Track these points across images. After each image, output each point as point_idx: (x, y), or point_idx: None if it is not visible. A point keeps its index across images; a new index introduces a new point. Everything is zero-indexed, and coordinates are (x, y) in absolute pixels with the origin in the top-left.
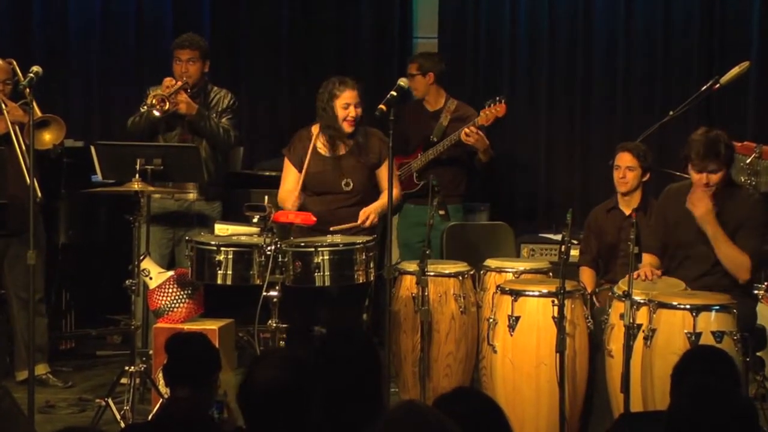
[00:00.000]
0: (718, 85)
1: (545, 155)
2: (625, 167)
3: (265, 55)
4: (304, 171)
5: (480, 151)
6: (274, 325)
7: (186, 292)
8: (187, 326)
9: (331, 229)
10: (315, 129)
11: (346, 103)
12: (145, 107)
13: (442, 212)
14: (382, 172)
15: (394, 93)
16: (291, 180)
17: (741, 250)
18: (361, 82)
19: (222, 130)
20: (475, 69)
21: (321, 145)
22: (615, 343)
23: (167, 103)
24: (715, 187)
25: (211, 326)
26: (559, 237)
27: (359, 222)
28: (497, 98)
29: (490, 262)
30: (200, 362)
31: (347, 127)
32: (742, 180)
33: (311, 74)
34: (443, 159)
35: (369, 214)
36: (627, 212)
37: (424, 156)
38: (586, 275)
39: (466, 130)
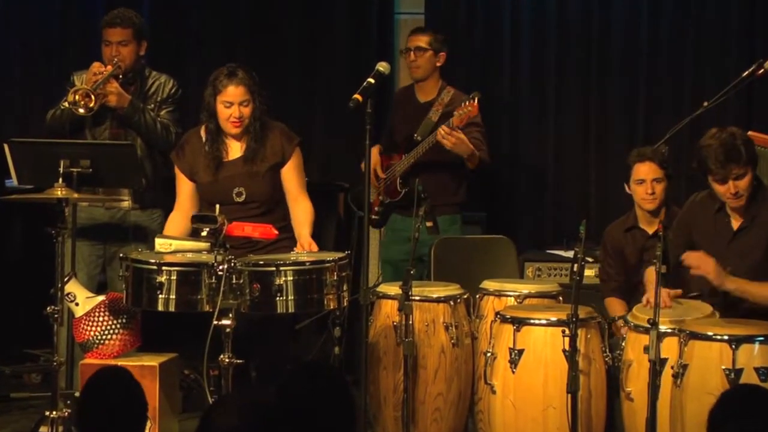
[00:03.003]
0: (762, 71)
1: (554, 156)
2: (652, 180)
3: (218, 33)
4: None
5: (464, 156)
6: (227, 360)
7: (120, 320)
8: (121, 362)
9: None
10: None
11: (228, 101)
12: (66, 104)
13: (429, 224)
14: (287, 174)
15: (372, 80)
16: (184, 192)
17: None
18: (251, 74)
19: (160, 126)
20: (469, 53)
21: (209, 149)
22: (634, 383)
23: (93, 99)
24: (746, 195)
25: (150, 362)
26: (570, 254)
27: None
28: (471, 96)
29: (488, 284)
30: (115, 410)
31: (231, 129)
32: None
33: (274, 57)
34: (435, 161)
35: (305, 247)
36: (650, 231)
37: (407, 158)
38: (617, 308)
39: (440, 131)
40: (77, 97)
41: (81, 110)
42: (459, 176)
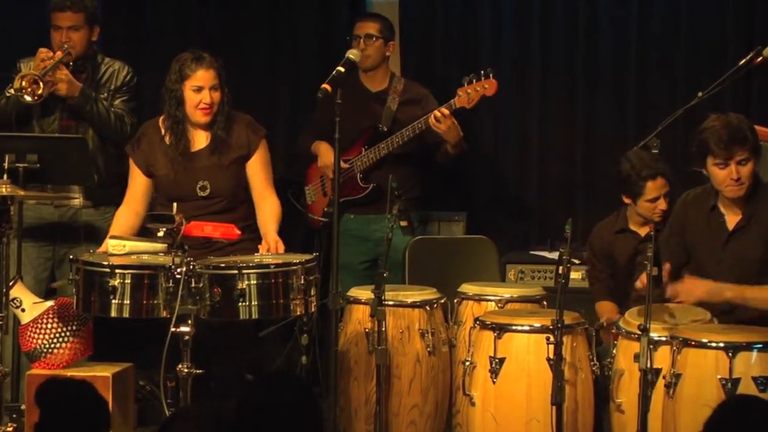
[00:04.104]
0: (760, 58)
1: (538, 152)
2: (664, 194)
3: (175, 17)
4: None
5: (450, 142)
6: (186, 370)
7: (69, 328)
8: (71, 372)
9: None
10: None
11: (197, 86)
12: (12, 91)
13: (404, 223)
14: (253, 167)
15: (342, 69)
16: (136, 187)
17: None
18: (218, 59)
19: (114, 116)
20: (446, 37)
21: (170, 140)
22: (625, 393)
23: (42, 86)
24: (746, 186)
25: (102, 372)
26: (555, 255)
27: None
28: (482, 72)
29: (467, 288)
30: (81, 421)
31: (200, 117)
32: None
33: (236, 44)
34: (393, 155)
35: (270, 246)
36: (642, 234)
37: (373, 151)
38: (608, 311)
39: (437, 113)
40: (24, 83)
41: (27, 98)
42: (417, 171)
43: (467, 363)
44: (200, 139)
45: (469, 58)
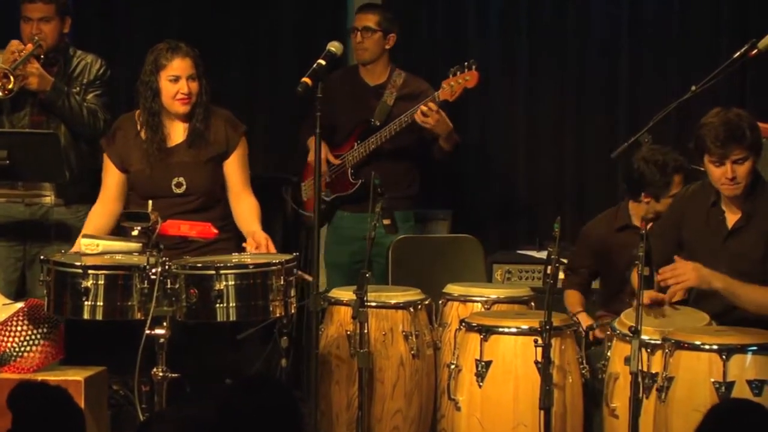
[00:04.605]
0: (755, 51)
1: (525, 146)
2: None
3: (149, 9)
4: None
5: (441, 136)
6: (161, 374)
7: (40, 331)
8: (42, 376)
9: None
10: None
11: (174, 76)
12: None
13: (387, 221)
14: (231, 166)
15: (323, 62)
16: (111, 184)
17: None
18: (194, 49)
19: (86, 111)
20: (431, 33)
21: (146, 135)
22: (620, 398)
23: (12, 80)
24: (743, 184)
25: (74, 377)
26: (543, 255)
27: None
28: (465, 63)
29: (452, 289)
30: (54, 428)
31: (179, 107)
32: None
33: (212, 35)
34: (387, 150)
35: (260, 243)
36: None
37: (364, 146)
38: (573, 300)
39: (423, 107)
40: None
41: None
42: (413, 167)
43: (452, 366)
44: (177, 133)
45: (454, 54)
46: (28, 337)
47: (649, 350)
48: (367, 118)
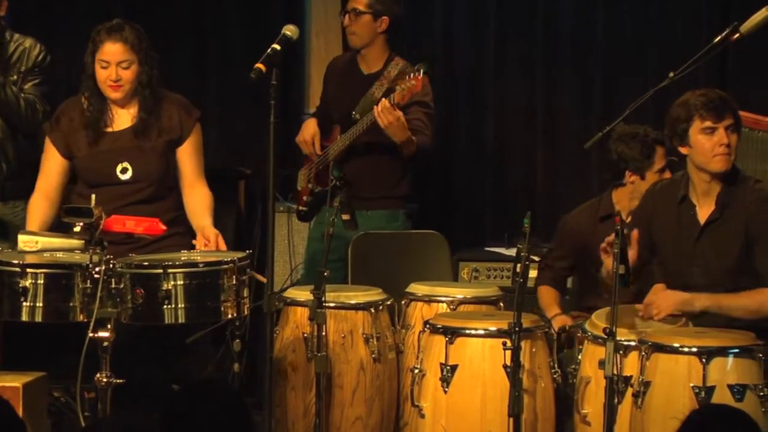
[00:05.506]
0: (737, 35)
1: (493, 138)
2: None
3: None
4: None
5: (397, 140)
6: (105, 379)
7: None
8: None
9: None
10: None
11: (104, 61)
12: None
13: (346, 217)
14: (184, 153)
15: (278, 47)
16: (51, 171)
17: (755, 291)
18: (138, 32)
19: (24, 103)
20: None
21: (91, 119)
22: (591, 403)
23: None
24: (733, 158)
25: (12, 383)
26: (512, 252)
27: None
28: (416, 66)
29: (416, 288)
30: None
31: (110, 93)
32: None
33: (159, 16)
34: (374, 144)
35: (210, 240)
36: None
37: (342, 139)
38: (547, 297)
39: (378, 106)
40: None
41: None
42: (403, 164)
43: (416, 371)
44: (123, 119)
45: (420, 49)
46: None
47: (621, 352)
48: (352, 109)
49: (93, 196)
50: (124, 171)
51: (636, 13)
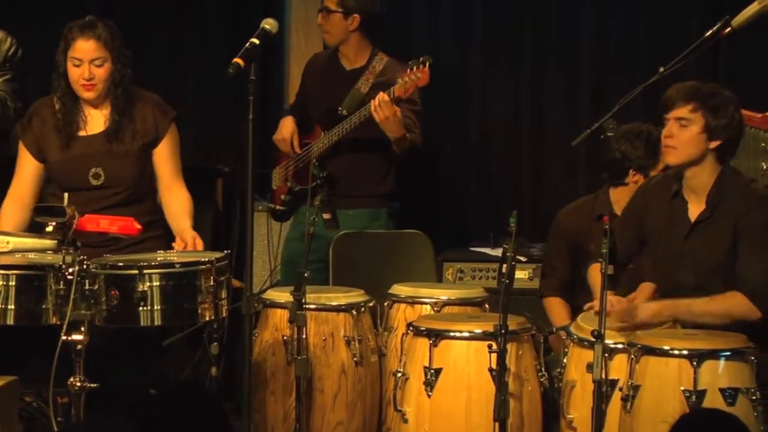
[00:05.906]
0: (728, 30)
1: (479, 136)
2: None
3: None
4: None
5: (392, 136)
6: (79, 384)
7: None
8: None
9: None
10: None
11: (77, 59)
12: None
13: (327, 216)
14: (160, 155)
15: (256, 41)
16: (25, 174)
17: (727, 294)
18: (111, 29)
19: None
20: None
21: (63, 121)
22: (577, 408)
23: None
24: (684, 155)
25: None
26: (498, 252)
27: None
28: (420, 59)
29: (399, 289)
30: None
31: (83, 92)
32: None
33: (135, 10)
34: (357, 142)
35: (188, 242)
36: None
37: (327, 136)
38: (557, 309)
39: (376, 100)
40: None
41: None
42: (386, 161)
43: (399, 374)
44: (96, 121)
45: (404, 43)
46: None
47: (606, 355)
48: (335, 105)
49: (66, 195)
50: (96, 176)
51: (626, 9)
